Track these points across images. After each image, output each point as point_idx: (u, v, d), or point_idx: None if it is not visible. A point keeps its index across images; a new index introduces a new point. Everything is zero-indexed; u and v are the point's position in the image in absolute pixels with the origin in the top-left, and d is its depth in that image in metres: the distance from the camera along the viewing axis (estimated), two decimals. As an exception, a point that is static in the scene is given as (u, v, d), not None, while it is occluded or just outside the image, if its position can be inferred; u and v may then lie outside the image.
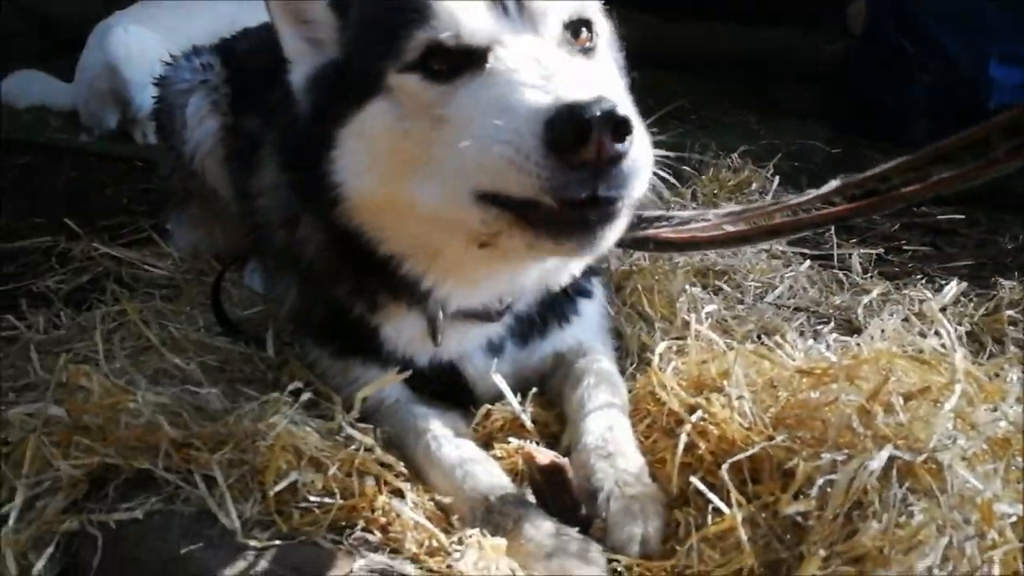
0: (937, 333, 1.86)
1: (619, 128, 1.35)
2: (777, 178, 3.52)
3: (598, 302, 2.19)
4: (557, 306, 2.06)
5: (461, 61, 1.55)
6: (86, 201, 3.79)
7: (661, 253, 2.48)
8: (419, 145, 1.58)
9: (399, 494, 1.67)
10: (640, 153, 1.43)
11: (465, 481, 1.69)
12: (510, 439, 1.83)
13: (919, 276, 2.80)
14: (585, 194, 1.41)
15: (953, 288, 2.24)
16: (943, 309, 2.16)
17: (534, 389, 1.96)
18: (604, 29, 1.79)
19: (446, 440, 1.80)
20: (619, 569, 1.51)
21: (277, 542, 1.54)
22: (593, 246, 1.51)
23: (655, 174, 1.52)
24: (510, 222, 1.51)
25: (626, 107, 1.39)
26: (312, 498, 1.61)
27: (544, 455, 1.63)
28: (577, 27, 1.67)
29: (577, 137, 1.35)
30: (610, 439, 1.76)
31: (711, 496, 1.51)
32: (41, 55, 5.92)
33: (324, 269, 1.94)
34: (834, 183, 1.57)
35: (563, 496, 1.60)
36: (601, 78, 1.63)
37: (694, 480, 1.56)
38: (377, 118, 1.63)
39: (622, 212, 1.49)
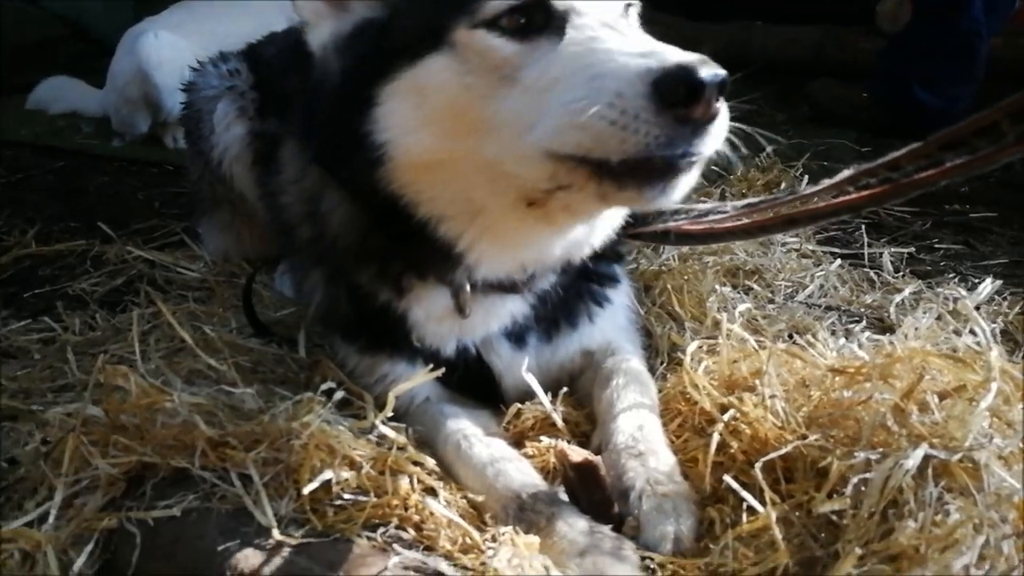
0: (972, 331, 1.85)
1: (722, 88, 1.42)
2: (806, 177, 3.50)
3: (624, 292, 2.19)
4: (583, 292, 2.06)
5: (539, 23, 1.58)
6: (119, 205, 3.85)
7: (681, 246, 2.48)
8: (481, 101, 1.59)
9: (432, 492, 1.67)
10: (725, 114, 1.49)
11: (497, 479, 1.69)
12: (541, 438, 1.83)
13: (952, 275, 2.78)
14: (682, 150, 1.46)
15: (988, 286, 2.22)
16: (977, 307, 2.15)
17: (564, 388, 1.97)
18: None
19: (476, 439, 1.81)
20: (652, 567, 1.51)
21: (312, 539, 1.55)
22: (673, 193, 1.55)
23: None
24: (587, 175, 1.53)
25: None
26: (346, 496, 1.62)
27: (577, 453, 1.63)
28: (629, 3, 1.75)
29: (689, 95, 1.40)
30: (640, 438, 1.76)
31: (745, 494, 1.51)
32: (73, 61, 6.01)
33: (348, 248, 1.91)
34: (847, 172, 1.57)
35: (596, 493, 1.61)
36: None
37: (727, 478, 1.56)
38: (437, 73, 1.61)
39: (699, 164, 1.54)
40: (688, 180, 1.55)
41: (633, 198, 1.58)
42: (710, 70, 1.40)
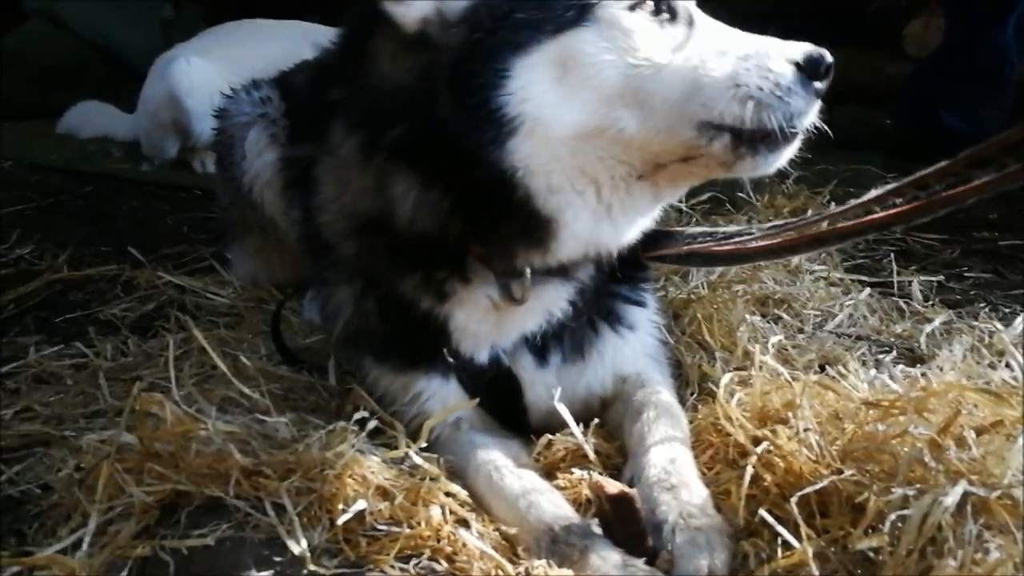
0: (1008, 365, 1.83)
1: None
2: (832, 204, 3.49)
3: (651, 318, 2.19)
4: (609, 310, 2.08)
5: (668, 14, 1.75)
6: (148, 229, 3.89)
7: (705, 267, 2.48)
8: (624, 76, 1.69)
9: (464, 523, 1.67)
10: None
11: (529, 511, 1.68)
12: (573, 470, 1.83)
13: (982, 304, 2.76)
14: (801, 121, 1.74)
15: (1022, 321, 2.20)
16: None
17: (596, 420, 1.96)
18: None
19: (508, 470, 1.80)
20: (687, 601, 1.50)
21: (345, 570, 1.55)
22: (780, 160, 1.80)
23: None
24: (725, 145, 1.72)
25: None
26: (379, 526, 1.62)
27: (613, 485, 1.63)
28: None
29: (825, 72, 1.73)
30: (673, 471, 1.75)
31: (780, 529, 1.50)
32: (103, 87, 6.10)
33: (407, 246, 1.89)
34: (874, 191, 1.57)
35: (631, 526, 1.60)
36: None
37: (762, 512, 1.55)
38: (584, 46, 1.68)
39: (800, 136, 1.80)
40: (793, 149, 1.79)
41: (753, 165, 1.77)
42: (827, 54, 1.73)
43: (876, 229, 1.56)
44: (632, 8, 1.71)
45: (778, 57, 1.70)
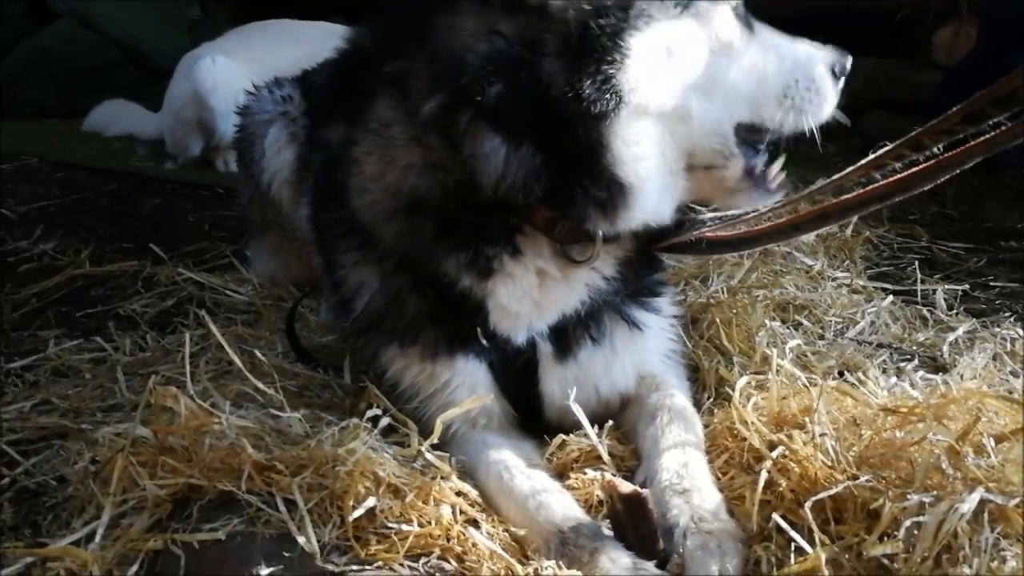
0: (1029, 373, 1.81)
1: None
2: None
3: (667, 321, 2.18)
4: (625, 308, 2.07)
5: (747, 21, 1.91)
6: (170, 227, 3.91)
7: (714, 253, 2.46)
8: (712, 66, 1.83)
9: (475, 523, 1.67)
10: None
11: (538, 512, 1.68)
12: (586, 471, 1.82)
13: (1007, 313, 2.72)
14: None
15: (1046, 327, 2.17)
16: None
17: (610, 422, 1.96)
18: None
19: (518, 471, 1.80)
20: (698, 606, 1.48)
21: (355, 567, 1.55)
22: (775, 198, 1.94)
23: None
24: (739, 171, 1.92)
25: None
26: (389, 524, 1.62)
27: (626, 485, 1.62)
28: None
29: (842, 72, 1.95)
30: (685, 475, 1.74)
31: (794, 535, 1.48)
32: (129, 86, 6.15)
33: (475, 207, 1.89)
34: (870, 156, 1.56)
35: (643, 527, 1.58)
36: None
37: (776, 517, 1.53)
38: (687, 33, 1.80)
39: None
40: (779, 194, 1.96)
41: (750, 197, 1.95)
42: (850, 59, 1.96)
43: (880, 200, 1.54)
44: (722, 7, 1.86)
45: (819, 64, 1.92)
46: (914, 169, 1.47)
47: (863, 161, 1.57)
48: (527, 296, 1.94)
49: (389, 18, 2.05)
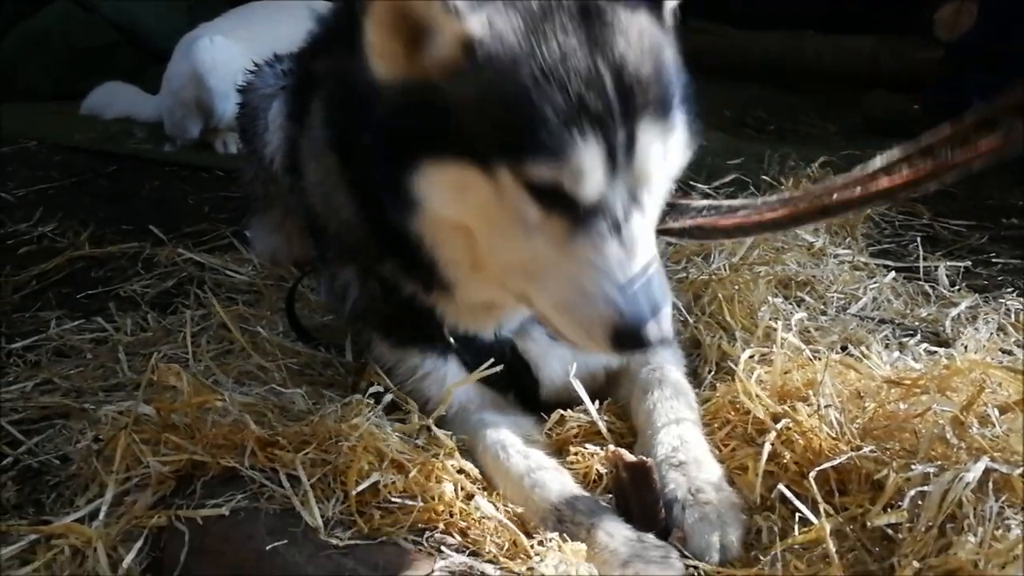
0: (1033, 344, 1.80)
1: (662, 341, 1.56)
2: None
3: None
4: None
5: (563, 203, 1.53)
6: (169, 209, 3.90)
7: (708, 240, 2.44)
8: (493, 230, 1.61)
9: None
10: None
11: (534, 491, 1.67)
12: (586, 445, 1.81)
13: (1009, 289, 2.71)
14: None
15: (1049, 297, 2.17)
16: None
17: (609, 398, 1.96)
18: None
19: (514, 449, 1.78)
20: (700, 576, 1.48)
21: (359, 541, 1.55)
22: None
23: None
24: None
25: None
26: (393, 499, 1.62)
27: (631, 456, 1.62)
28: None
29: (636, 346, 1.55)
30: (681, 448, 1.73)
31: (798, 504, 1.48)
32: (128, 68, 6.12)
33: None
34: (878, 160, 1.55)
35: (648, 496, 1.58)
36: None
37: (781, 487, 1.53)
38: (473, 186, 1.56)
39: None
40: None
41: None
42: (657, 331, 1.51)
43: (881, 198, 1.54)
44: (523, 184, 1.55)
45: (605, 321, 1.54)
46: (918, 170, 1.46)
47: (871, 166, 1.57)
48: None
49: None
